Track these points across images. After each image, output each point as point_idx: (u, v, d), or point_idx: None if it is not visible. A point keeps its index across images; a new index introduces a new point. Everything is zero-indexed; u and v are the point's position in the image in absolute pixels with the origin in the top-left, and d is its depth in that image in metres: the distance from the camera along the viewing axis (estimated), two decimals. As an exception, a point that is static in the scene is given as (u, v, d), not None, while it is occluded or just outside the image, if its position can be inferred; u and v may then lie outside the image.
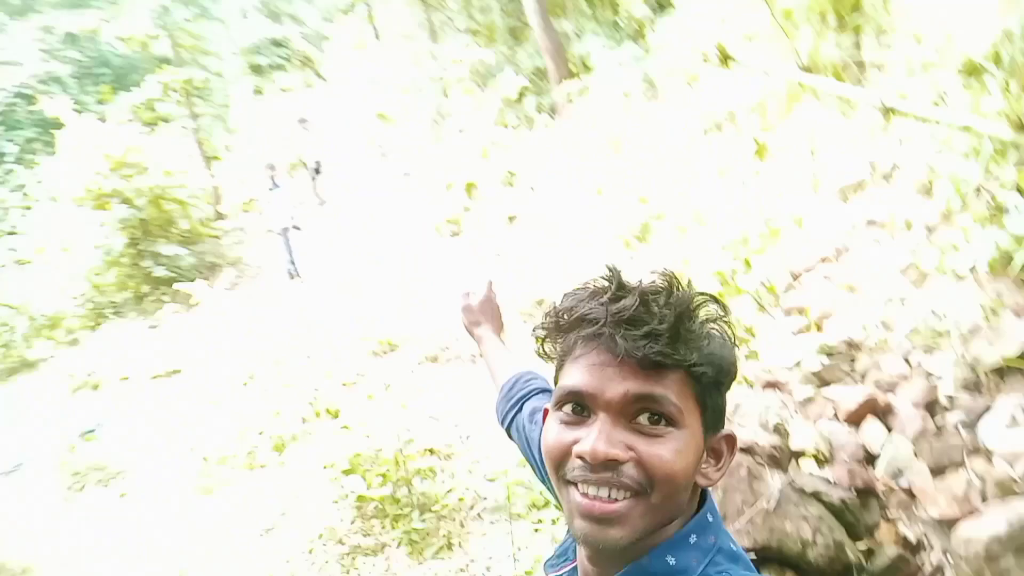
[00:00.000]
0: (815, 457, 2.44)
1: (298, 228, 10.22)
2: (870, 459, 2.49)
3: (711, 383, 0.76)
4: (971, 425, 2.55)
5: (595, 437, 0.73)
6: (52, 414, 7.81)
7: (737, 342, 0.82)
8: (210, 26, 18.71)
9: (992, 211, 3.28)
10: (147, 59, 17.71)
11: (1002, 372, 2.70)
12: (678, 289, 0.77)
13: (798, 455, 2.51)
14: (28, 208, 14.00)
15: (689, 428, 0.75)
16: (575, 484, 0.75)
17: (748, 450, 2.48)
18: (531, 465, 1.19)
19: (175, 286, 8.78)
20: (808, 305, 3.44)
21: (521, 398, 1.25)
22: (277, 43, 22.10)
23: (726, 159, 5.40)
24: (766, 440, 2.54)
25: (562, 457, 0.77)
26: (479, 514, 4.35)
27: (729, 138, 5.69)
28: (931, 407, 2.68)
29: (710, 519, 0.79)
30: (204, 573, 4.63)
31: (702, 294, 0.78)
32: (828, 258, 3.75)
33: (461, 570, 3.97)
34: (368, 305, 7.63)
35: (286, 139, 14.50)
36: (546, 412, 0.85)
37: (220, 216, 12.97)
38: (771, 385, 2.92)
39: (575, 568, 0.86)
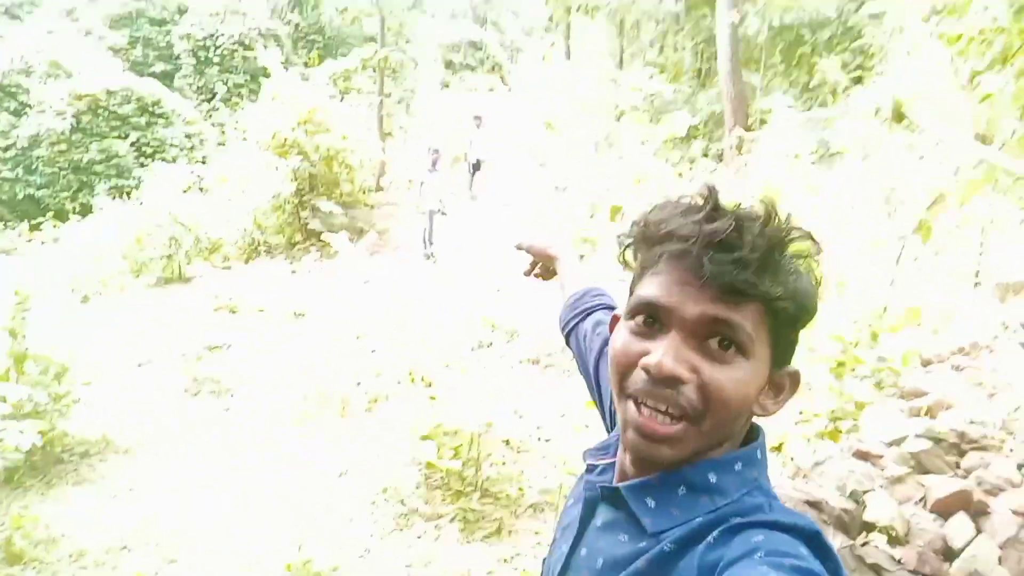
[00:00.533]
0: (887, 533, 2.27)
1: (444, 214, 10.65)
2: (948, 554, 2.28)
3: (788, 319, 0.74)
4: (1080, 554, 2.28)
5: (663, 352, 0.73)
6: (192, 324, 8.56)
7: (821, 282, 0.79)
8: (421, 17, 19.97)
9: None
10: (357, 34, 19.17)
11: None
12: (775, 219, 0.74)
13: (870, 527, 2.34)
14: (222, 144, 15.51)
15: (757, 359, 0.74)
16: (634, 398, 0.75)
17: (816, 505, 2.35)
18: (584, 376, 1.20)
19: (323, 236, 9.38)
20: (928, 390, 3.20)
21: (587, 309, 1.25)
22: (475, 45, 23.24)
23: (886, 232, 5.14)
24: (838, 503, 2.40)
25: (628, 367, 0.76)
26: (536, 512, 4.36)
27: (895, 212, 5.41)
28: (1036, 522, 2.43)
29: (759, 456, 0.78)
30: (274, 496, 4.91)
31: (799, 228, 0.75)
32: (964, 349, 3.47)
33: (504, 559, 3.98)
34: (490, 298, 7.84)
35: (457, 132, 15.18)
36: (614, 320, 0.86)
37: (379, 188, 13.73)
38: (862, 455, 2.75)
39: (613, 463, 0.86)
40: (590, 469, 0.89)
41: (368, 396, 6.07)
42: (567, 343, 1.30)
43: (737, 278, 0.71)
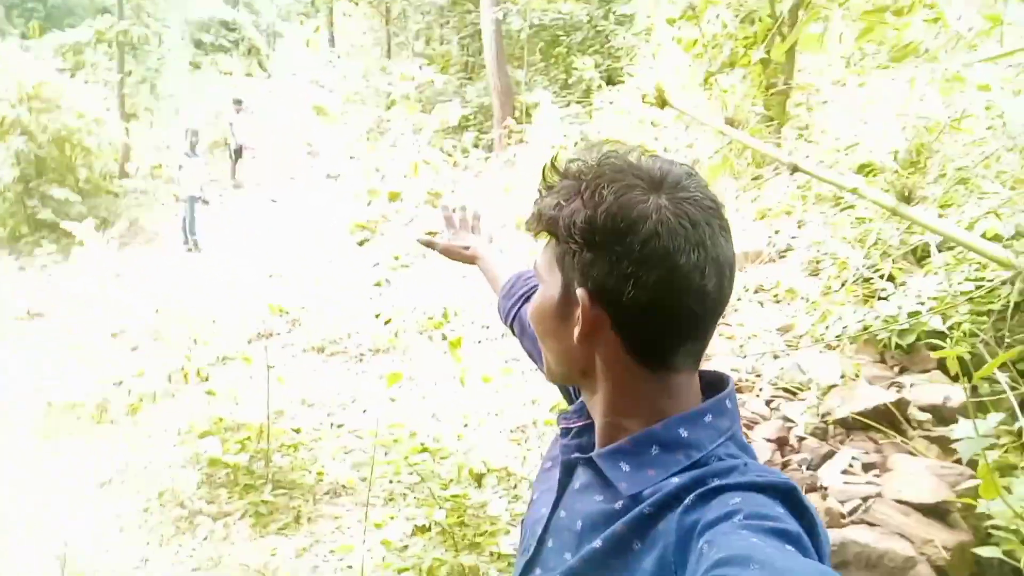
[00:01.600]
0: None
1: (206, 202, 9.91)
2: (721, 478, 2.63)
3: (563, 241, 0.76)
4: (813, 467, 2.75)
5: None
6: None
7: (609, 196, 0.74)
8: (163, -11, 18.18)
9: (866, 294, 3.61)
10: (85, 4, 16.98)
11: (849, 427, 2.94)
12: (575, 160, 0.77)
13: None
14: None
15: (545, 283, 0.81)
16: None
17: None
18: (534, 356, 1.17)
19: (63, 224, 8.24)
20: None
21: (525, 293, 1.26)
22: (227, 26, 21.65)
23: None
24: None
25: None
26: (334, 497, 4.25)
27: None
28: (782, 446, 2.88)
29: (728, 405, 0.78)
30: (25, 518, 4.28)
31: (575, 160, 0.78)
32: (717, 310, 4.01)
33: (303, 549, 3.84)
34: (261, 287, 7.44)
35: (213, 116, 14.13)
36: None
37: (124, 174, 12.35)
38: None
39: (589, 426, 0.85)
40: (564, 432, 0.89)
41: (131, 398, 5.48)
42: (511, 330, 1.30)
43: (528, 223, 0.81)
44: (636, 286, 0.70)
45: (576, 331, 0.75)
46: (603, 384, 0.78)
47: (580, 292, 0.74)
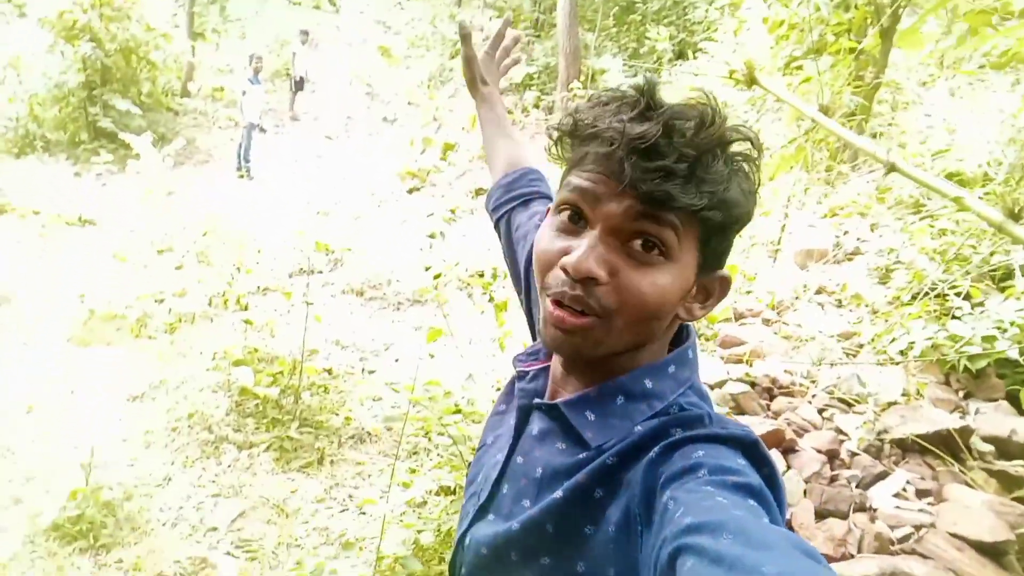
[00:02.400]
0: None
1: (264, 130, 9.90)
2: (765, 484, 2.51)
3: (716, 227, 0.71)
4: (864, 485, 2.62)
5: (583, 252, 0.69)
6: (-58, 221, 7.26)
7: (759, 185, 0.76)
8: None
9: (940, 311, 3.41)
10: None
11: (906, 448, 2.79)
12: (713, 122, 0.69)
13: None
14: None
15: (681, 264, 0.71)
16: (552, 298, 0.73)
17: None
18: (510, 267, 1.11)
19: (121, 135, 8.28)
20: (745, 341, 3.49)
21: (526, 196, 1.14)
22: (301, -45, 21.48)
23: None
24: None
25: (549, 265, 0.73)
26: (358, 443, 4.23)
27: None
28: (832, 458, 2.74)
29: (690, 355, 0.79)
30: (54, 422, 4.34)
31: (738, 130, 0.72)
32: (774, 306, 3.83)
33: (325, 490, 3.83)
34: (308, 223, 7.40)
35: (278, 45, 14.07)
36: (546, 214, 0.81)
37: (186, 93, 12.40)
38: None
39: (545, 369, 0.85)
40: (520, 376, 0.86)
41: (171, 316, 5.51)
42: (495, 226, 1.18)
43: (658, 187, 0.67)
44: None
45: (697, 309, 0.76)
46: (654, 338, 0.76)
47: (725, 275, 0.76)
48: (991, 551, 2.32)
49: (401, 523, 3.03)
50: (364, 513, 3.62)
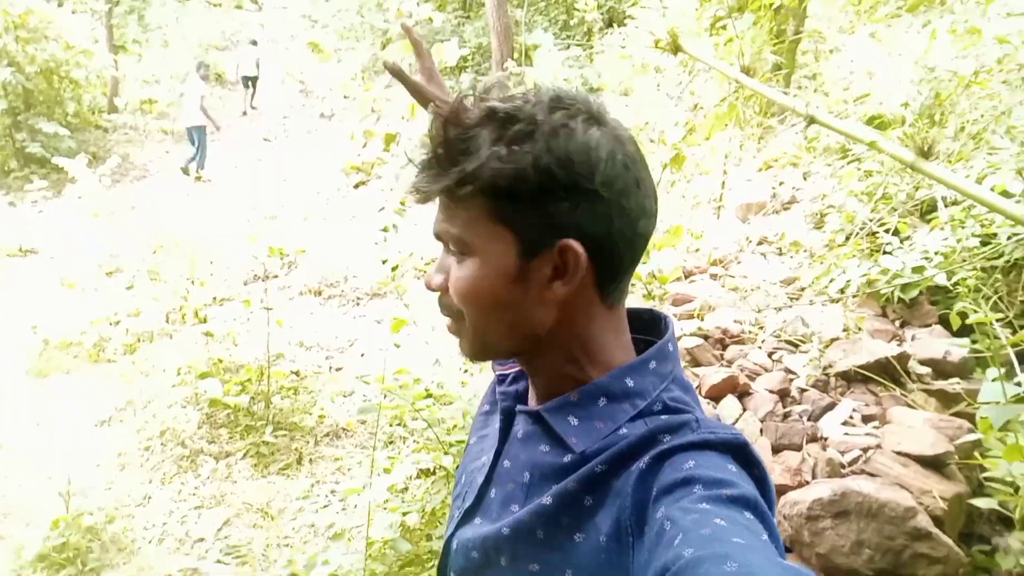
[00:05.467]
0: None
1: (217, 127, 9.77)
2: (724, 428, 2.67)
3: (504, 199, 0.68)
4: (814, 417, 2.79)
5: (433, 268, 0.76)
6: None
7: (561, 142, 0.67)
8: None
9: (871, 248, 3.61)
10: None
11: (850, 379, 2.97)
12: (453, 109, 0.68)
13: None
14: None
15: (486, 251, 0.70)
16: None
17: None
18: None
19: (54, 159, 8.08)
20: (695, 296, 3.64)
21: None
22: (216, -44, 20.92)
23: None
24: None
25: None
26: (334, 439, 4.30)
27: (651, 145, 5.91)
28: (784, 397, 2.91)
29: (670, 349, 0.77)
30: (24, 457, 4.30)
31: (485, 103, 0.69)
32: (720, 261, 4.00)
33: (307, 488, 3.90)
34: (256, 228, 7.36)
35: (204, 50, 13.77)
36: None
37: (114, 109, 12.09)
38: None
39: (523, 372, 0.84)
40: (501, 379, 0.87)
41: (129, 337, 5.47)
42: None
43: (419, 187, 0.69)
44: (622, 220, 0.69)
45: (557, 287, 0.70)
46: (563, 338, 0.74)
47: (566, 243, 0.68)
48: (933, 463, 2.51)
49: (386, 509, 3.12)
50: (345, 509, 3.71)
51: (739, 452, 0.66)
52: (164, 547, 3.54)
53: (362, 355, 5.28)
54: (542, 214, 0.68)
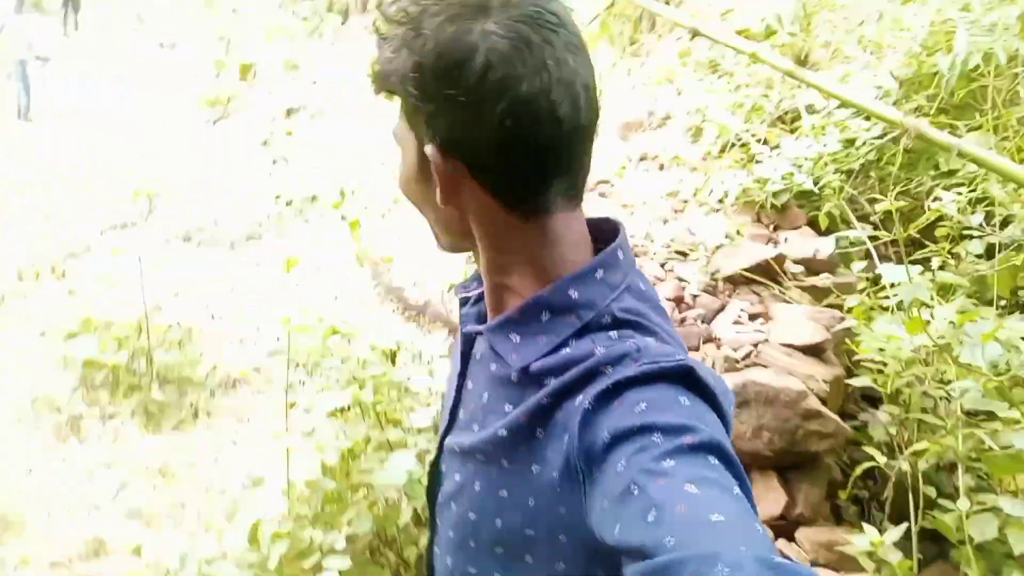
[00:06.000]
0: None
1: (44, 58, 8.71)
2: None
3: (403, 96, 0.70)
4: (707, 320, 2.99)
5: None
6: None
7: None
8: None
9: (745, 158, 3.82)
10: None
11: (735, 282, 3.20)
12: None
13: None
14: None
15: (405, 149, 0.74)
16: None
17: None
18: None
19: None
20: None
21: None
22: None
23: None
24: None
25: None
26: (228, 389, 4.15)
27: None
28: (679, 303, 3.09)
29: (620, 256, 0.73)
30: None
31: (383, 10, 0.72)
32: (606, 181, 4.10)
33: (207, 442, 3.76)
34: (115, 165, 6.74)
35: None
36: None
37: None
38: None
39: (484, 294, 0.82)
40: (463, 302, 0.85)
41: (-26, 302, 4.95)
42: None
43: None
44: (482, 127, 0.64)
45: (438, 193, 0.69)
46: (481, 243, 0.73)
47: (429, 149, 0.67)
48: (814, 350, 2.78)
49: (301, 453, 3.07)
50: (251, 458, 3.61)
51: (687, 379, 0.63)
52: (57, 519, 3.33)
53: (249, 301, 5.06)
54: (420, 118, 0.68)
